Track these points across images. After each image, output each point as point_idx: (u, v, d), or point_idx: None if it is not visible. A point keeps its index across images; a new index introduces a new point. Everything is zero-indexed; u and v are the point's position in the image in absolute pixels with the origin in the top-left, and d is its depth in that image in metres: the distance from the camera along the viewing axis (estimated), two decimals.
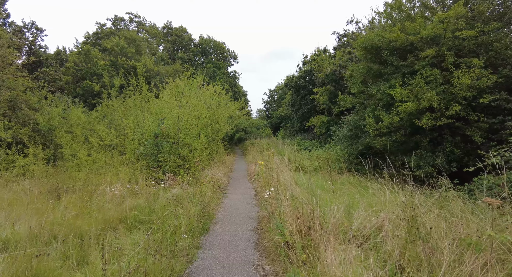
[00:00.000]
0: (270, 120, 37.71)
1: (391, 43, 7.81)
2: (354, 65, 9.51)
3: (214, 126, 11.93)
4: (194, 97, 10.52)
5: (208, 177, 8.35)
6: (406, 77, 7.22)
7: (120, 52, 23.67)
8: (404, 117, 7.22)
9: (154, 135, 7.80)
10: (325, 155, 12.10)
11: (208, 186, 7.60)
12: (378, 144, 8.21)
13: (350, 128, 9.69)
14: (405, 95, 6.84)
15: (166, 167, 7.68)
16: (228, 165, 13.29)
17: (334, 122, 15.61)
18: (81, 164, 8.28)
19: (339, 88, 15.40)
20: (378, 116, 8.15)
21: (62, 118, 10.24)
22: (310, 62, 20.81)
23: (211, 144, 11.52)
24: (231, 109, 16.70)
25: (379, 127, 7.99)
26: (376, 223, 3.63)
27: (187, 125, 8.77)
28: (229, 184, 9.52)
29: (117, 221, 4.45)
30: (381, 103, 8.11)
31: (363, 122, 9.04)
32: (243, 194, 7.89)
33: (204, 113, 9.17)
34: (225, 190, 8.38)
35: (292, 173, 8.00)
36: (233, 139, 28.92)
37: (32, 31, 18.21)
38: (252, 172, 11.45)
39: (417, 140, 7.72)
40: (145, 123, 8.47)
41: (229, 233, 4.77)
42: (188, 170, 8.30)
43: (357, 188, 7.56)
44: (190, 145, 8.64)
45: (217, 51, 35.57)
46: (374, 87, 8.32)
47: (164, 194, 6.03)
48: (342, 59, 14.14)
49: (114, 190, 5.69)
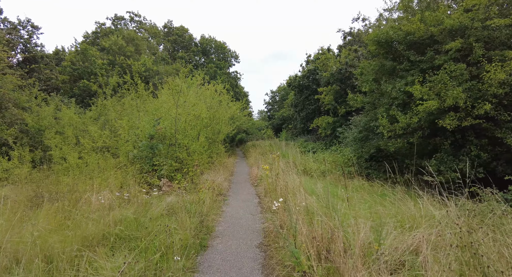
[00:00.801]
0: (271, 121, 37.07)
1: (407, 36, 7.14)
2: (365, 61, 8.85)
3: (214, 127, 11.29)
4: (193, 96, 9.89)
5: (207, 182, 7.69)
6: (427, 73, 6.55)
7: (119, 51, 23.10)
8: (423, 118, 6.54)
9: (149, 136, 7.15)
10: (332, 157, 11.42)
11: (207, 192, 6.94)
12: (393, 147, 7.53)
13: (360, 130, 9.02)
14: (425, 93, 6.17)
15: (162, 171, 7.03)
16: (229, 168, 12.63)
17: (340, 124, 14.95)
18: (70, 167, 7.65)
19: (345, 87, 14.75)
20: (393, 117, 7.49)
21: (53, 119, 9.62)
22: (314, 62, 20.17)
23: (211, 146, 10.87)
24: (232, 109, 16.07)
25: (393, 128, 7.32)
26: (411, 245, 2.97)
27: (185, 126, 8.12)
28: (230, 189, 8.86)
29: (100, 237, 3.79)
30: (396, 102, 7.44)
31: (374, 123, 8.37)
32: (245, 201, 7.23)
33: (203, 113, 8.53)
34: (226, 196, 7.72)
35: (300, 177, 7.34)
36: (234, 140, 28.28)
37: (27, 29, 17.65)
38: (255, 175, 10.79)
39: (436, 142, 7.03)
40: (140, 123, 7.83)
41: (231, 251, 4.11)
42: (186, 175, 7.64)
43: (372, 195, 6.89)
44: (188, 147, 7.99)
45: (218, 51, 34.99)
46: (388, 85, 7.66)
47: (157, 203, 5.37)
48: (349, 57, 13.49)
49: (101, 198, 5.04)
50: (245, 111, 20.77)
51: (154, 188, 6.86)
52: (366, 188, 7.86)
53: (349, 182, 8.64)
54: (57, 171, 7.70)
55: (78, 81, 20.32)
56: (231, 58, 36.30)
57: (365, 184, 8.10)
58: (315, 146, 16.74)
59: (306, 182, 8.01)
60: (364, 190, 7.50)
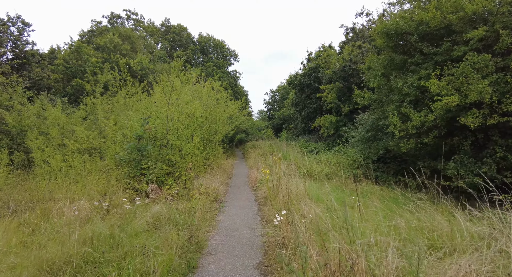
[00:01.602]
0: (271, 121, 36.40)
1: (420, 26, 6.47)
2: (373, 56, 8.18)
3: (211, 127, 10.61)
4: (188, 94, 9.22)
5: (202, 187, 7.02)
6: (446, 65, 5.88)
7: (114, 49, 22.43)
8: (440, 115, 5.87)
9: (136, 137, 6.47)
10: (336, 159, 10.74)
11: (201, 198, 6.27)
12: (404, 148, 6.86)
13: (367, 129, 8.34)
14: (443, 87, 5.49)
15: (151, 175, 6.35)
16: (227, 170, 11.95)
17: (343, 123, 14.29)
18: (53, 171, 6.98)
19: (349, 85, 14.08)
20: (405, 115, 6.82)
21: (36, 118, 8.93)
22: (316, 59, 19.51)
23: (207, 147, 10.20)
24: (231, 108, 15.40)
25: (406, 127, 6.66)
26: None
27: (178, 125, 7.45)
28: (227, 193, 8.18)
29: (65, 260, 3.11)
30: (408, 98, 6.77)
31: (384, 122, 7.70)
32: (243, 208, 6.55)
33: (198, 111, 7.86)
34: (222, 202, 7.05)
35: (304, 182, 6.67)
36: (234, 141, 27.59)
37: (17, 26, 16.96)
38: (254, 178, 10.11)
39: (454, 142, 6.36)
40: (129, 123, 7.16)
41: (224, 273, 3.44)
42: (178, 179, 6.97)
43: (385, 201, 6.22)
44: (181, 148, 7.32)
45: (217, 49, 34.32)
46: (399, 80, 6.99)
47: (142, 214, 4.70)
48: (353, 53, 12.81)
49: (76, 208, 4.36)
50: (244, 111, 20.09)
51: (142, 195, 6.19)
52: (376, 192, 7.19)
53: (357, 185, 7.98)
54: (38, 175, 7.03)
55: (72, 80, 19.65)
56: (230, 57, 35.63)
57: (374, 188, 7.44)
58: (317, 146, 16.07)
59: (310, 186, 7.34)
60: (374, 194, 6.83)
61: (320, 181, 9.05)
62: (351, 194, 6.78)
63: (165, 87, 7.52)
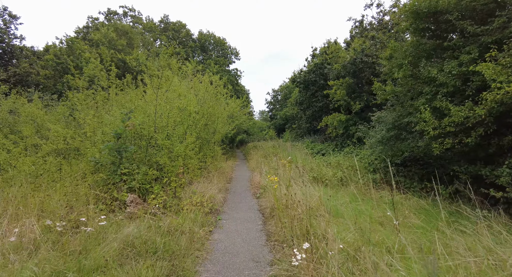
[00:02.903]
0: (273, 121, 35.24)
1: (462, 1, 5.32)
2: (394, 42, 7.01)
3: (210, 126, 9.46)
4: (183, 88, 8.09)
5: (195, 196, 5.86)
6: (506, 44, 4.71)
7: (109, 45, 21.35)
8: (491, 109, 4.71)
9: (115, 135, 5.33)
10: (349, 161, 9.57)
11: (193, 210, 5.12)
12: (438, 149, 5.69)
13: (388, 128, 7.18)
14: (500, 73, 4.33)
15: (132, 182, 5.20)
16: (227, 174, 10.79)
17: (353, 122, 13.11)
18: (18, 176, 5.86)
19: (358, 81, 12.92)
20: (440, 109, 5.65)
21: (9, 114, 7.82)
22: (321, 55, 18.36)
23: (204, 148, 9.04)
24: (232, 107, 14.28)
25: (440, 124, 5.50)
26: None
27: (169, 122, 6.29)
28: (226, 202, 7.02)
29: None
30: (444, 90, 5.61)
31: (410, 119, 6.53)
32: (245, 222, 5.39)
33: (192, 106, 6.71)
34: (219, 214, 5.89)
35: (318, 190, 5.50)
36: (234, 141, 26.42)
37: (4, 18, 15.90)
38: (257, 183, 8.96)
39: (503, 143, 5.18)
40: (109, 119, 6.03)
41: None
42: (166, 186, 5.82)
43: (418, 214, 5.05)
44: (172, 149, 6.17)
45: (217, 47, 33.22)
46: (431, 69, 5.82)
47: (112, 236, 3.54)
48: (364, 44, 11.64)
49: (17, 231, 3.21)
50: (245, 110, 18.94)
51: (123, 206, 5.04)
52: (403, 202, 6.00)
53: (378, 193, 6.80)
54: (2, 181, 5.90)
55: (63, 77, 18.58)
56: (231, 55, 34.52)
57: (401, 198, 6.26)
58: (323, 147, 14.89)
59: (324, 193, 6.17)
60: (404, 206, 5.65)
61: (333, 187, 7.88)
62: (376, 205, 5.61)
63: (153, 78, 6.39)
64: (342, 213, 4.97)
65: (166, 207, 5.37)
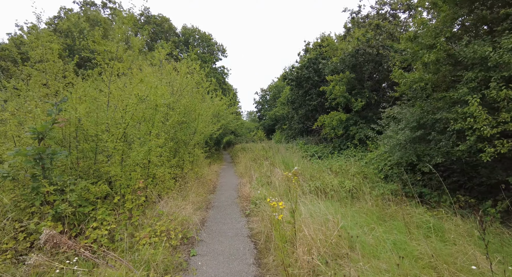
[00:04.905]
0: (262, 122, 33.67)
1: None
2: (422, 18, 5.57)
3: (188, 124, 7.72)
4: (148, 75, 6.37)
5: (161, 221, 4.15)
6: None
7: (80, 36, 19.12)
8: None
9: (36, 136, 3.55)
10: (356, 167, 8.10)
11: (156, 243, 3.44)
12: (487, 156, 4.28)
13: (412, 127, 5.73)
14: None
15: (61, 206, 3.45)
16: (210, 182, 9.08)
17: (353, 121, 11.71)
18: None
19: (359, 76, 11.54)
20: (495, 99, 4.24)
21: None
22: (315, 49, 16.99)
23: (181, 151, 7.30)
24: (217, 104, 12.59)
25: (498, 121, 4.08)
26: None
27: (126, 117, 4.54)
28: (206, 223, 5.33)
29: None
30: (505, 73, 4.20)
31: (441, 114, 5.10)
32: (229, 259, 3.74)
33: (159, 96, 4.98)
34: (194, 245, 4.21)
35: (333, 214, 3.92)
36: (221, 143, 24.62)
37: None
38: (246, 194, 7.32)
39: None
40: (33, 111, 4.21)
41: None
42: (120, 207, 4.09)
43: (466, 245, 3.56)
44: (128, 155, 4.43)
45: (202, 43, 31.34)
46: (479, 47, 4.41)
47: None
48: (369, 33, 10.27)
49: None
50: (232, 108, 17.26)
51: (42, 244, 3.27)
52: (451, 228, 4.50)
53: (400, 210, 5.29)
54: None
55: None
56: (217, 51, 32.72)
57: (437, 218, 4.78)
58: (318, 150, 13.41)
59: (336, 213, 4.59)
60: (450, 232, 4.15)
61: (340, 199, 6.35)
62: (408, 231, 4.09)
63: (105, 55, 4.67)
64: (373, 248, 3.40)
65: (114, 241, 3.64)
